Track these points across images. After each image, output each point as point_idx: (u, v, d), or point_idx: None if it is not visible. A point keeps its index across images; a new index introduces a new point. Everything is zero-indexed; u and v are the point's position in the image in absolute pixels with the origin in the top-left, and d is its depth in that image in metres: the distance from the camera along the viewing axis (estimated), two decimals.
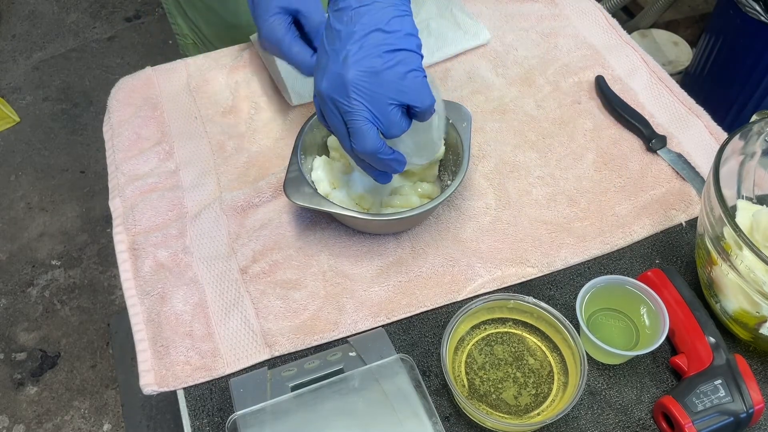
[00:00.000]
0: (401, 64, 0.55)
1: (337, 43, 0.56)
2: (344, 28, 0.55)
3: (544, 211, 0.73)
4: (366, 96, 0.55)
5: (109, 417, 1.49)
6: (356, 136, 0.57)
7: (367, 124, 0.56)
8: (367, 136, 0.57)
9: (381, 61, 0.55)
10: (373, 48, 0.55)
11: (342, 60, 0.55)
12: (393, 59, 0.55)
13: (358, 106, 0.56)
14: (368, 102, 0.56)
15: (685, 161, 0.77)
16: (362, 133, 0.57)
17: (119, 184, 0.77)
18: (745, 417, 0.55)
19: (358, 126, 0.56)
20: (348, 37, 0.55)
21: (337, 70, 0.55)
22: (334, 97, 0.56)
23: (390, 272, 0.69)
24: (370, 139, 0.57)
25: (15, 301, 1.68)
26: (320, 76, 0.57)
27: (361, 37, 0.55)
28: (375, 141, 0.57)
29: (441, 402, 0.60)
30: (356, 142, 0.58)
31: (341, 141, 0.60)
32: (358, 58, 0.55)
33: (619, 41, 0.91)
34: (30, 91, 2.16)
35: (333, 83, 0.56)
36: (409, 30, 0.56)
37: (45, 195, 1.89)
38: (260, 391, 0.58)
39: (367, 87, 0.55)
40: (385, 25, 0.55)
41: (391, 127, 0.57)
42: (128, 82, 0.87)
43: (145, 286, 0.68)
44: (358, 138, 0.57)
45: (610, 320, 0.63)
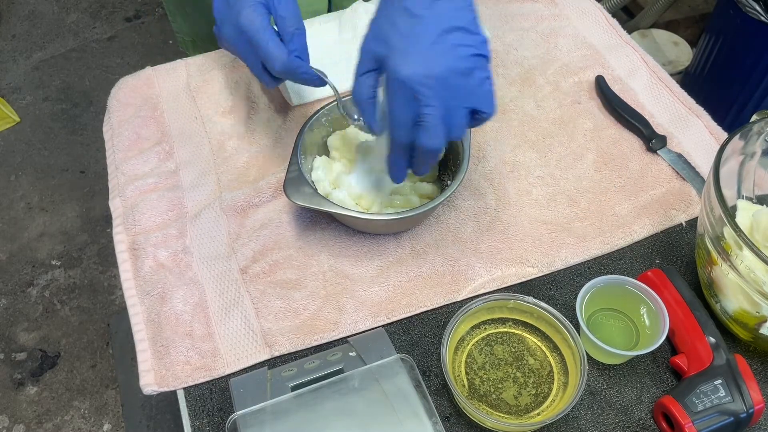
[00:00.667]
0: (480, 69, 0.55)
1: (420, 28, 0.54)
2: (427, 14, 0.54)
3: (544, 211, 0.73)
4: (449, 95, 0.54)
5: (109, 417, 1.49)
6: (429, 130, 0.55)
7: (441, 121, 0.55)
8: (440, 132, 0.56)
9: (467, 64, 0.54)
10: (460, 48, 0.54)
11: (432, 50, 0.53)
12: (476, 64, 0.55)
13: (439, 101, 0.54)
14: (449, 100, 0.55)
15: (685, 161, 0.77)
16: (436, 128, 0.55)
17: (119, 184, 0.77)
18: (745, 417, 0.55)
19: (433, 121, 0.55)
20: (433, 26, 0.54)
21: (425, 59, 0.53)
22: (418, 88, 0.54)
23: (390, 272, 0.69)
24: (441, 136, 0.56)
25: (15, 301, 1.68)
26: (401, 61, 0.54)
27: (446, 31, 0.54)
28: (443, 139, 0.56)
29: (441, 402, 0.60)
30: (426, 137, 0.56)
31: (398, 132, 0.57)
32: (448, 52, 0.54)
33: (619, 41, 0.91)
34: (30, 91, 2.16)
35: (419, 72, 0.53)
36: (485, 35, 0.56)
37: (45, 195, 1.89)
38: (260, 391, 0.58)
39: (452, 86, 0.54)
40: (470, 25, 0.55)
41: (458, 130, 0.57)
42: (128, 82, 0.87)
43: (145, 286, 0.68)
44: (430, 133, 0.55)
45: (610, 320, 0.63)
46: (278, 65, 0.61)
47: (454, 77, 0.54)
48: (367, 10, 0.88)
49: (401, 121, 0.56)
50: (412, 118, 0.56)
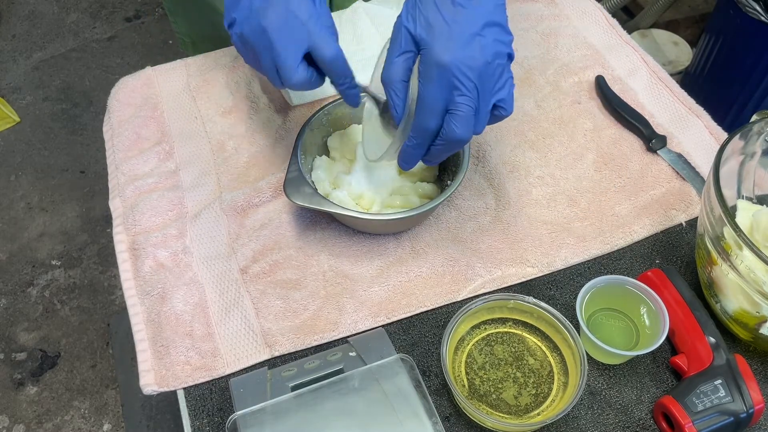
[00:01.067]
0: (508, 69, 0.56)
1: (462, 18, 0.54)
2: (470, 5, 0.54)
3: (544, 211, 0.73)
4: (483, 88, 0.55)
5: (109, 417, 1.49)
6: (461, 120, 0.55)
7: (473, 113, 0.55)
8: (470, 123, 0.56)
9: (501, 60, 0.55)
10: (499, 44, 0.55)
11: (474, 41, 0.54)
12: (507, 64, 0.56)
13: (474, 93, 0.55)
14: (482, 93, 0.55)
15: (685, 161, 0.77)
16: (467, 119, 0.55)
17: (119, 184, 0.77)
18: (745, 417, 0.55)
19: (467, 112, 0.55)
20: (475, 18, 0.54)
21: (471, 48, 0.54)
22: (458, 75, 0.54)
23: (390, 272, 0.69)
24: (470, 127, 0.56)
25: (15, 301, 1.68)
26: (443, 45, 0.54)
27: (487, 24, 0.54)
28: (471, 131, 0.56)
29: (441, 402, 0.60)
30: (459, 127, 0.55)
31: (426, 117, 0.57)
32: (489, 47, 0.54)
33: (619, 41, 0.91)
34: (30, 91, 2.16)
35: (466, 60, 0.54)
36: (512, 36, 0.57)
37: (45, 195, 1.89)
38: (260, 391, 0.58)
39: (489, 79, 0.55)
40: (506, 23, 0.55)
41: (482, 124, 0.57)
42: (128, 82, 0.87)
43: (145, 286, 0.68)
44: (461, 123, 0.55)
45: (610, 320, 0.63)
46: (332, 50, 0.59)
47: (490, 73, 0.55)
48: (367, 11, 0.88)
49: (433, 107, 0.56)
50: (445, 105, 0.55)
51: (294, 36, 0.58)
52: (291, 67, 0.58)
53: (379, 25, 0.87)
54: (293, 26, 0.58)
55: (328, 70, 0.60)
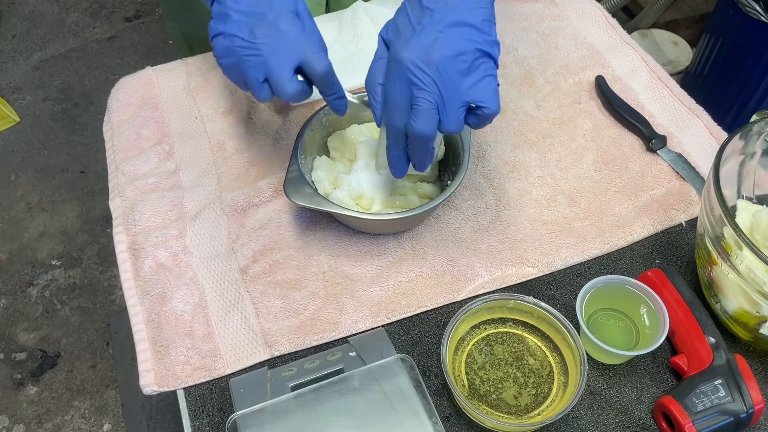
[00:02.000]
0: (484, 66, 0.56)
1: (427, 19, 0.55)
2: (437, 8, 0.55)
3: (544, 211, 0.73)
4: (444, 84, 0.55)
5: (109, 417, 1.49)
6: (420, 115, 0.56)
7: (434, 109, 0.56)
8: (431, 119, 0.56)
9: (469, 57, 0.55)
10: (465, 42, 0.55)
11: (433, 40, 0.55)
12: (479, 60, 0.56)
13: (434, 88, 0.55)
14: (444, 89, 0.55)
15: (685, 161, 0.77)
16: (427, 114, 0.56)
17: (119, 184, 0.77)
18: (745, 417, 0.55)
19: (425, 106, 0.56)
20: (441, 19, 0.55)
21: (426, 47, 0.55)
22: (414, 71, 0.55)
23: (390, 272, 0.69)
24: (432, 123, 0.57)
25: (15, 301, 1.68)
26: (402, 46, 0.56)
27: (454, 24, 0.55)
28: (434, 127, 0.57)
29: (441, 402, 0.60)
30: (417, 121, 0.57)
31: (394, 117, 0.58)
32: (449, 44, 0.55)
33: (619, 41, 0.91)
34: (30, 91, 2.16)
35: (418, 57, 0.55)
36: (495, 37, 0.57)
37: (45, 195, 1.89)
38: (260, 391, 0.58)
39: (449, 76, 0.55)
40: (479, 23, 0.56)
41: (452, 122, 0.57)
42: (128, 82, 0.87)
43: (145, 286, 0.68)
44: (421, 118, 0.56)
45: (610, 320, 0.63)
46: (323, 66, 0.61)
47: (451, 68, 0.55)
48: (367, 10, 0.88)
49: (397, 105, 0.58)
50: (407, 102, 0.57)
51: (286, 52, 0.60)
52: (284, 80, 0.61)
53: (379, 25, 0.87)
54: (285, 43, 0.60)
55: (318, 83, 0.63)
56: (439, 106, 0.56)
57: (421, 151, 0.60)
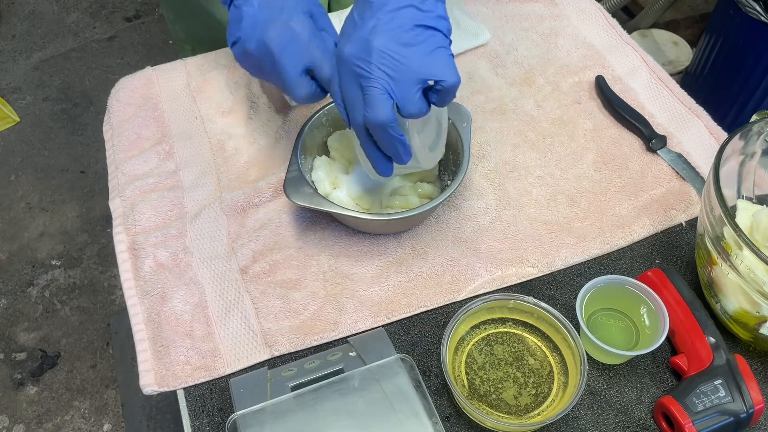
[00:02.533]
0: (431, 40, 0.55)
1: (367, 12, 0.55)
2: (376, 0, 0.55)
3: (544, 211, 0.73)
4: (390, 66, 0.55)
5: (109, 417, 1.49)
6: (371, 103, 0.56)
7: (385, 94, 0.55)
8: (382, 105, 0.55)
9: (411, 34, 0.54)
10: (405, 20, 0.54)
11: (371, 28, 0.54)
12: (423, 35, 0.55)
13: (379, 73, 0.55)
14: (391, 72, 0.55)
15: (685, 161, 0.77)
16: (378, 101, 0.55)
17: (119, 184, 0.77)
18: (745, 417, 0.55)
19: (374, 93, 0.55)
20: (380, 7, 0.55)
21: (365, 36, 0.55)
22: (356, 63, 0.55)
23: (390, 272, 0.69)
24: (384, 108, 0.56)
25: (15, 301, 1.68)
26: (344, 42, 0.56)
27: (393, 9, 0.54)
28: (389, 112, 0.56)
29: (441, 402, 0.60)
30: (370, 111, 0.56)
31: (353, 114, 0.58)
32: (388, 27, 0.54)
33: (619, 41, 0.91)
34: (30, 91, 2.16)
35: (357, 48, 0.55)
36: (441, 13, 0.56)
37: (45, 195, 1.89)
38: (260, 391, 0.58)
39: (393, 57, 0.54)
40: (420, 3, 0.55)
41: (409, 103, 0.56)
42: (128, 82, 0.87)
43: (145, 286, 0.68)
44: (372, 106, 0.56)
45: (610, 320, 0.63)
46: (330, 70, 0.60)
47: (395, 49, 0.54)
48: None
49: (352, 101, 0.57)
50: (360, 96, 0.56)
51: (295, 52, 0.60)
52: (294, 81, 0.60)
53: None
54: (295, 43, 0.60)
55: (327, 86, 0.62)
56: (390, 91, 0.55)
57: (388, 141, 0.58)
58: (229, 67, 0.87)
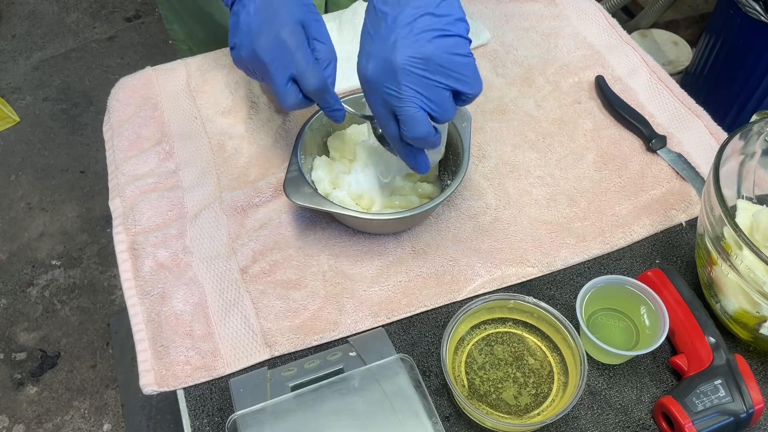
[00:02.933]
0: (453, 49, 0.54)
1: (383, 26, 0.54)
2: (391, 10, 0.54)
3: (544, 211, 0.73)
4: (418, 82, 0.54)
5: (109, 417, 1.49)
6: (409, 123, 0.56)
7: (420, 111, 0.55)
8: (421, 122, 0.56)
9: (432, 46, 0.54)
10: (424, 32, 0.54)
11: (391, 45, 0.54)
12: (444, 44, 0.54)
13: (410, 92, 0.55)
14: (421, 87, 0.55)
15: (685, 161, 0.77)
16: (416, 120, 0.56)
17: (119, 184, 0.77)
18: (745, 417, 0.55)
19: (411, 113, 0.55)
20: (395, 20, 0.54)
21: (386, 56, 0.54)
22: (385, 84, 0.55)
23: (390, 272, 0.69)
24: (424, 125, 0.56)
25: (15, 301, 1.68)
26: (365, 61, 0.56)
27: (410, 21, 0.54)
28: (428, 126, 0.56)
29: (441, 402, 0.60)
30: (409, 129, 0.56)
31: (383, 126, 0.59)
32: (408, 42, 0.53)
33: (619, 41, 0.91)
34: (30, 91, 2.16)
35: (381, 69, 0.54)
36: (458, 14, 0.55)
37: (45, 195, 1.89)
38: (260, 391, 0.58)
39: (419, 73, 0.54)
40: (435, 8, 0.54)
41: (445, 112, 0.56)
42: (128, 82, 0.87)
43: (145, 286, 0.68)
44: (411, 125, 0.56)
45: (610, 320, 0.63)
46: (315, 82, 0.61)
47: (418, 64, 0.54)
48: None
49: (382, 118, 0.58)
50: (392, 114, 0.57)
51: (282, 62, 0.61)
52: (281, 90, 0.61)
53: None
54: (282, 53, 0.60)
55: (312, 97, 0.63)
56: (425, 106, 0.56)
57: (426, 146, 0.60)
58: (229, 67, 0.87)
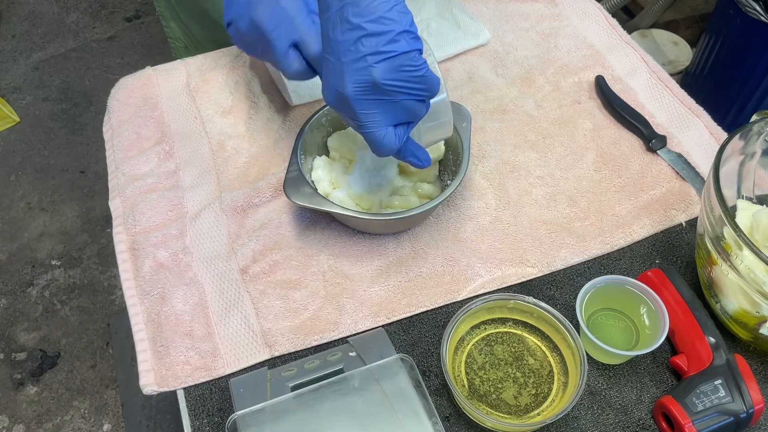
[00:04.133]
0: (400, 67, 0.52)
1: (332, 53, 0.54)
2: (335, 35, 0.53)
3: (544, 211, 0.73)
4: (372, 106, 0.54)
5: (109, 417, 1.49)
6: (372, 144, 0.57)
7: (381, 129, 0.55)
8: (383, 143, 0.56)
9: (377, 70, 0.52)
10: (367, 56, 0.52)
11: (339, 75, 0.53)
12: (389, 66, 0.52)
13: (366, 116, 0.54)
14: (377, 109, 0.54)
15: (685, 161, 0.77)
16: (377, 140, 0.56)
17: (119, 184, 0.77)
18: (745, 417, 0.55)
19: (373, 136, 0.56)
20: (338, 46, 0.53)
21: (336, 87, 0.54)
22: (342, 112, 0.56)
23: (390, 272, 0.69)
24: (387, 145, 0.56)
25: (15, 301, 1.68)
26: (324, 90, 0.56)
27: (350, 45, 0.52)
28: (392, 145, 0.57)
29: (441, 402, 0.60)
30: (375, 150, 0.57)
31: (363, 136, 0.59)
32: (354, 69, 0.52)
33: (619, 41, 0.91)
34: (30, 91, 2.16)
35: (336, 99, 0.55)
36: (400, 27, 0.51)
37: (45, 195, 1.89)
38: (260, 391, 0.58)
39: (370, 98, 0.54)
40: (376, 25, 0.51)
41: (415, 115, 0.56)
42: (128, 82, 0.87)
43: (145, 286, 0.68)
44: (374, 146, 0.57)
45: (610, 320, 0.63)
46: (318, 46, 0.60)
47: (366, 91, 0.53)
48: None
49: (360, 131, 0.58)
50: None
51: (283, 28, 0.60)
52: (283, 56, 0.61)
53: None
54: (282, 19, 0.60)
55: (314, 63, 0.62)
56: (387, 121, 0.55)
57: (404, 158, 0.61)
58: (229, 67, 0.87)
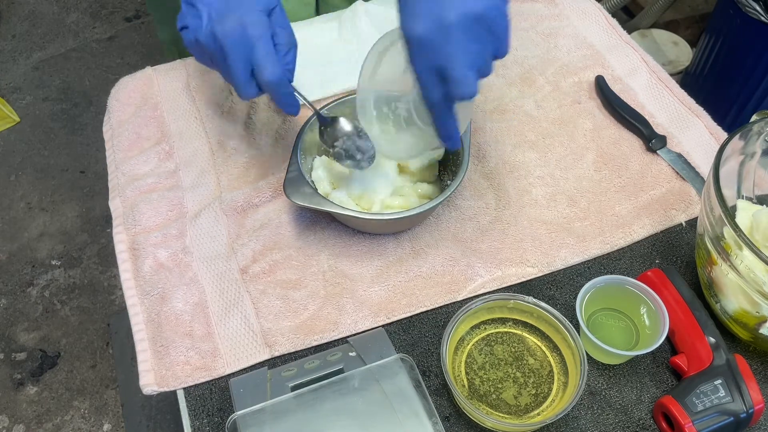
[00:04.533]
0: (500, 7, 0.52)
1: None
2: None
3: (544, 211, 0.73)
4: (470, 40, 0.51)
5: (109, 417, 1.49)
6: (462, 82, 0.52)
7: (471, 70, 0.53)
8: (472, 81, 0.53)
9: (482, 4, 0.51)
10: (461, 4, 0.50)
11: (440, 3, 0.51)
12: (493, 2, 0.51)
13: (462, 51, 0.51)
14: (473, 46, 0.52)
15: (685, 161, 0.77)
16: (467, 79, 0.52)
17: (119, 184, 0.77)
18: (745, 417, 0.55)
19: (463, 73, 0.52)
20: None
21: (438, 14, 0.51)
22: (434, 43, 0.52)
23: (390, 272, 0.69)
24: (474, 84, 0.53)
25: (15, 301, 1.68)
26: (412, 21, 0.52)
27: None
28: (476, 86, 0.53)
29: (441, 402, 0.60)
30: (460, 89, 0.53)
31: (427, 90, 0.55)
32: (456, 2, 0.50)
33: (619, 41, 0.91)
34: (30, 91, 2.16)
35: (433, 28, 0.51)
36: None
37: (45, 195, 1.89)
38: (260, 391, 0.58)
39: (472, 31, 0.51)
40: None
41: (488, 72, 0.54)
42: (128, 82, 0.87)
43: (145, 286, 0.68)
44: (463, 85, 0.53)
45: (610, 320, 0.63)
46: (269, 76, 0.59)
47: (471, 22, 0.51)
48: (367, 10, 0.88)
49: (428, 81, 0.54)
50: (438, 74, 0.53)
51: (242, 53, 0.58)
52: (243, 82, 0.59)
53: (379, 24, 0.87)
54: (243, 42, 0.58)
55: (266, 90, 0.60)
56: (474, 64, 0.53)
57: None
58: None
